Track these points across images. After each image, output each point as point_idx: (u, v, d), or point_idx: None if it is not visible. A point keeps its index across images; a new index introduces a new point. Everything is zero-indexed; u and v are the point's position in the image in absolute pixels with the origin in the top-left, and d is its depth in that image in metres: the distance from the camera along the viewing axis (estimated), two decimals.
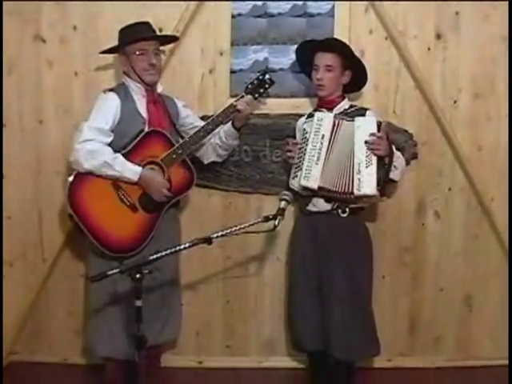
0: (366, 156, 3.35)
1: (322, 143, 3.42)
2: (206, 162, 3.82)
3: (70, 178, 3.34)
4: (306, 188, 3.47)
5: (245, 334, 4.23)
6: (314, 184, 3.41)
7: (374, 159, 3.35)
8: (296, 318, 3.70)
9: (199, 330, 4.20)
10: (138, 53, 3.42)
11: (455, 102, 3.95)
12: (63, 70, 3.93)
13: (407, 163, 3.91)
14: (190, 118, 3.75)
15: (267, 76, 3.66)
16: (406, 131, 3.93)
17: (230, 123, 3.64)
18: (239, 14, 3.89)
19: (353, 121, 3.40)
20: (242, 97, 3.62)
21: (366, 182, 3.35)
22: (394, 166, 3.45)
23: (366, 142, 3.34)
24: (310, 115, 3.59)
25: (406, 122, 3.96)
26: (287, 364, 4.22)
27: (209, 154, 3.79)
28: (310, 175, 3.42)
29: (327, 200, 3.50)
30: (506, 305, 4.08)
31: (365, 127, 3.37)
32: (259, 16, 3.89)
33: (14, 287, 4.10)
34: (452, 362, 4.19)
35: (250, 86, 3.65)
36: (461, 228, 4.08)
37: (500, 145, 3.99)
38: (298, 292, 3.66)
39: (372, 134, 3.33)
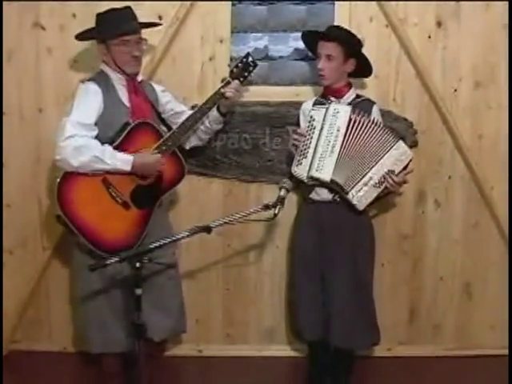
0: (380, 179, 3.38)
1: (336, 136, 3.38)
2: (187, 147, 3.77)
3: (58, 180, 3.20)
4: (315, 179, 3.46)
5: (244, 322, 4.25)
6: (326, 176, 3.40)
7: (383, 186, 3.39)
8: (298, 307, 3.71)
9: (199, 318, 4.20)
10: (120, 44, 3.33)
11: (455, 90, 3.94)
12: (63, 58, 3.92)
13: None
14: (171, 104, 3.67)
15: (250, 59, 3.59)
16: (406, 119, 3.92)
17: (215, 109, 3.57)
18: (239, 2, 3.87)
19: (396, 140, 3.38)
20: (229, 82, 3.54)
21: (362, 198, 3.40)
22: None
23: (389, 171, 3.38)
24: (319, 102, 3.57)
25: (406, 110, 3.95)
26: (287, 352, 4.24)
27: (191, 139, 3.74)
28: (323, 167, 3.40)
29: (330, 190, 3.50)
30: (506, 293, 4.09)
31: (400, 155, 3.39)
32: (259, 4, 3.87)
33: (14, 275, 4.11)
34: (451, 350, 4.20)
35: (234, 71, 3.58)
36: (461, 216, 4.09)
37: (500, 133, 3.98)
38: (301, 282, 3.66)
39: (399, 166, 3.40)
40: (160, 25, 3.70)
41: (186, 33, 3.90)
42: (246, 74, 3.60)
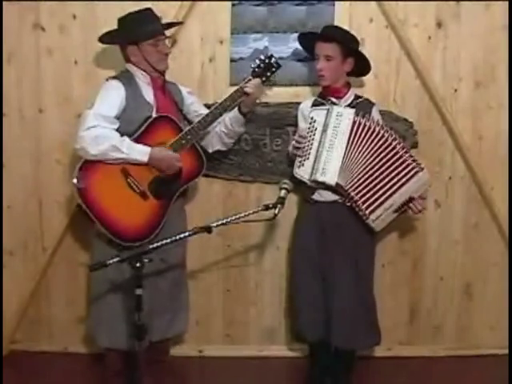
0: (401, 205, 3.40)
1: (341, 139, 3.38)
2: (210, 150, 3.77)
3: (77, 168, 3.25)
4: (320, 182, 3.45)
5: (245, 323, 4.25)
6: (331, 180, 3.40)
7: (402, 210, 3.44)
8: (298, 307, 3.71)
9: (199, 318, 4.21)
10: (154, 44, 3.39)
11: (456, 90, 3.94)
12: (63, 59, 3.92)
13: None
14: (195, 106, 3.70)
15: (273, 59, 3.59)
16: (407, 120, 3.92)
17: (236, 109, 3.58)
18: (239, 3, 3.87)
19: (420, 169, 3.39)
20: (250, 80, 3.54)
21: (381, 222, 3.44)
22: None
23: (409, 198, 3.41)
24: (319, 103, 3.57)
25: (407, 110, 3.95)
26: (287, 353, 4.25)
27: (214, 142, 3.75)
28: (328, 171, 3.40)
29: (334, 191, 3.50)
30: (506, 293, 4.09)
31: (422, 184, 3.42)
32: (259, 4, 3.87)
33: (15, 276, 4.12)
34: (452, 350, 4.20)
35: (256, 70, 3.56)
36: (461, 217, 4.09)
37: (500, 134, 3.99)
38: (302, 282, 3.66)
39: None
40: (181, 23, 3.74)
41: (186, 33, 3.90)
42: (268, 73, 3.59)
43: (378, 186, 3.39)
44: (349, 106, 3.50)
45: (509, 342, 4.08)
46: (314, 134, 3.45)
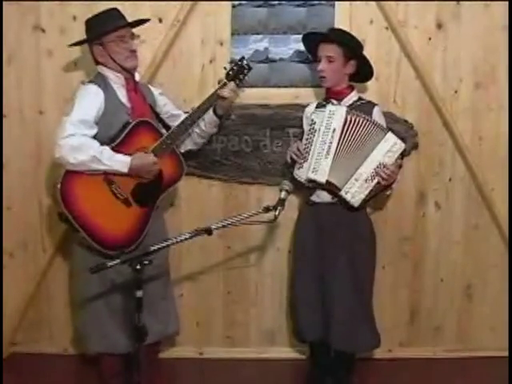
0: (371, 173, 3.37)
1: (332, 137, 3.39)
2: (182, 150, 3.74)
3: (60, 177, 3.21)
4: (312, 181, 3.46)
5: (245, 325, 4.25)
6: (322, 178, 3.40)
7: (376, 180, 3.37)
8: (298, 307, 3.70)
9: (199, 320, 4.21)
10: (117, 41, 3.35)
11: (456, 91, 3.94)
12: (63, 60, 3.92)
13: (408, 154, 3.90)
14: (167, 107, 3.70)
15: (245, 62, 3.59)
16: (407, 121, 3.92)
17: (211, 111, 3.59)
18: (239, 4, 3.87)
19: (384, 132, 3.37)
20: (225, 84, 3.55)
21: (355, 193, 3.39)
22: (391, 188, 3.52)
23: (380, 164, 3.35)
24: (320, 105, 3.56)
25: (407, 111, 3.95)
26: (288, 355, 4.24)
27: (186, 142, 3.75)
28: (319, 169, 3.41)
29: (329, 191, 3.49)
30: (506, 295, 4.09)
31: (390, 146, 3.36)
32: (259, 5, 3.88)
33: (15, 278, 4.11)
34: (452, 352, 4.20)
35: (230, 73, 3.57)
36: (461, 218, 4.09)
37: (500, 135, 3.99)
38: (301, 282, 3.66)
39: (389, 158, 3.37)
40: (148, 21, 3.61)
41: (187, 35, 3.90)
42: (241, 76, 3.60)
43: (353, 164, 3.40)
44: (349, 107, 3.49)
45: (509, 343, 4.08)
46: (314, 136, 3.45)
